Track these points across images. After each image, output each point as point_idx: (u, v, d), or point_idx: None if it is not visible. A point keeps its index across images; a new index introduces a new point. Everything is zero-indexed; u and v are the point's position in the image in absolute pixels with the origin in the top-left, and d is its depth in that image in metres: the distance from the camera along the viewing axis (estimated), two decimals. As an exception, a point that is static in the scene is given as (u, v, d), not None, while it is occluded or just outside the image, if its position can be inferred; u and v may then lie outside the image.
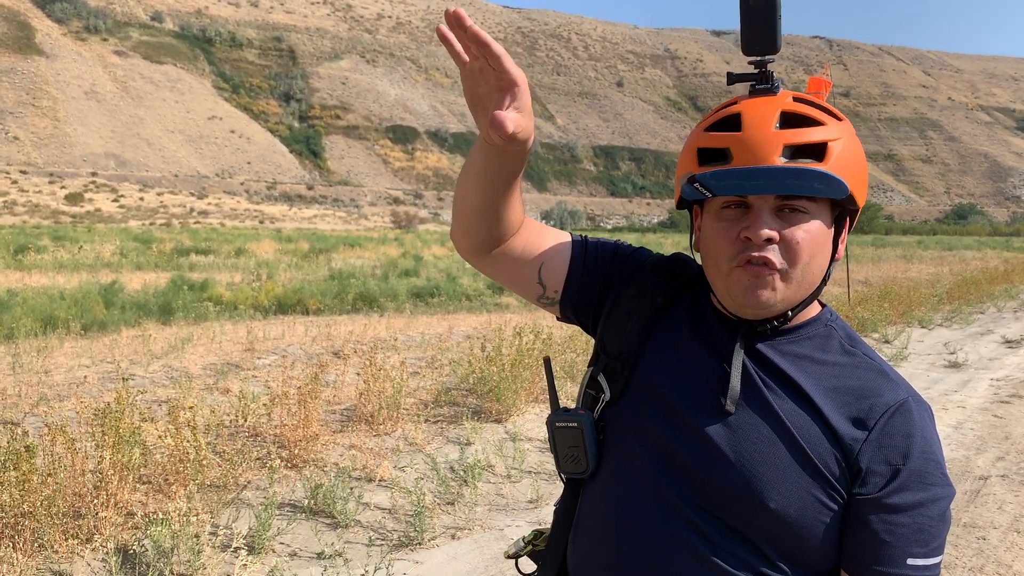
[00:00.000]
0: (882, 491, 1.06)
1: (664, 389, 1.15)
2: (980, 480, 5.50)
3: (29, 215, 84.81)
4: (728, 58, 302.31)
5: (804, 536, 1.07)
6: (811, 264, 1.10)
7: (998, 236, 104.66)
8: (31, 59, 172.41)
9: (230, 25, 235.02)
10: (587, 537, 1.20)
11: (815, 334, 1.16)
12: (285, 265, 24.47)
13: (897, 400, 1.10)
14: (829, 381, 1.12)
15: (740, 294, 1.09)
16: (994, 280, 21.01)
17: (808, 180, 1.05)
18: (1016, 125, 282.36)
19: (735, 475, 1.08)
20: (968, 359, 10.18)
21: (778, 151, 1.05)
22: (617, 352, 1.21)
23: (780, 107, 1.09)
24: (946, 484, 1.08)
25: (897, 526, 1.06)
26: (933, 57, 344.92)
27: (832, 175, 1.06)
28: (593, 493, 1.20)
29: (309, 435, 5.29)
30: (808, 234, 1.08)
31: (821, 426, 1.08)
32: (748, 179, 1.06)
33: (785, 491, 1.06)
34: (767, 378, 1.12)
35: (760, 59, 1.13)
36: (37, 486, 3.78)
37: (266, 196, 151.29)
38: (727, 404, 1.10)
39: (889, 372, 1.14)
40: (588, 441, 1.19)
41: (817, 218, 1.09)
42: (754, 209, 1.08)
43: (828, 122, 1.08)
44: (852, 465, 1.07)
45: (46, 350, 8.70)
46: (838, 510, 1.08)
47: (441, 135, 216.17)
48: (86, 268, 21.59)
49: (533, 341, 7.40)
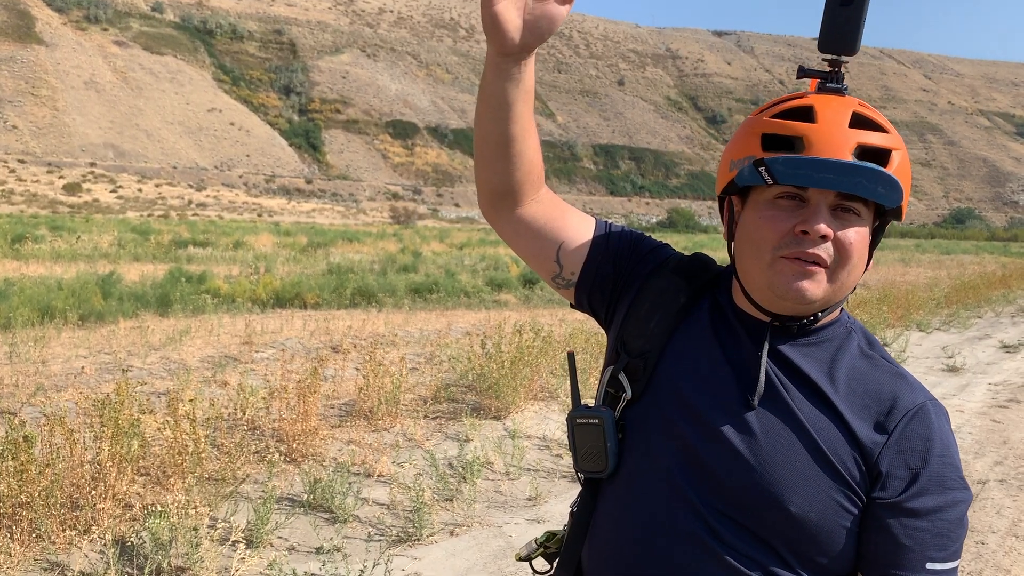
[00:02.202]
0: (902, 495, 1.06)
1: (684, 390, 1.14)
2: (979, 485, 5.50)
3: (27, 204, 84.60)
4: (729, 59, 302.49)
5: (822, 540, 1.07)
6: (856, 267, 1.10)
7: (996, 241, 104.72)
8: (31, 48, 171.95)
9: (231, 17, 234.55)
10: (603, 538, 1.19)
11: (835, 336, 1.15)
12: (283, 259, 24.43)
13: (916, 403, 1.10)
14: (848, 384, 1.11)
15: (783, 285, 1.07)
16: (992, 285, 21.03)
17: (875, 182, 1.05)
18: (1015, 130, 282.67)
19: (755, 477, 1.07)
20: (966, 363, 10.18)
21: (850, 148, 1.05)
22: (639, 351, 1.20)
23: (851, 107, 1.09)
24: (964, 488, 1.08)
25: (917, 530, 1.05)
26: (934, 61, 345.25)
27: (895, 180, 1.06)
28: (611, 494, 1.19)
29: (308, 429, 5.28)
30: (859, 236, 1.08)
31: (841, 429, 1.08)
32: (818, 171, 1.04)
33: (806, 494, 1.06)
34: (787, 380, 1.11)
35: (835, 58, 1.13)
36: (35, 476, 3.76)
37: (265, 189, 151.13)
38: (753, 399, 1.10)
39: (907, 375, 1.14)
40: (609, 439, 1.17)
41: (865, 223, 1.10)
42: (812, 204, 1.07)
43: (891, 131, 1.09)
44: (872, 468, 1.07)
45: (43, 340, 8.67)
46: (857, 514, 1.07)
47: (441, 131, 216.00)
48: (84, 258, 21.55)
49: (533, 339, 7.39)
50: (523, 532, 4.50)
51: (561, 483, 5.33)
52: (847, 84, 1.13)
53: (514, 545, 4.33)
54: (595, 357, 7.98)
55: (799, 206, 1.07)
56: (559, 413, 6.75)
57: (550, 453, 5.87)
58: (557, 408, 6.89)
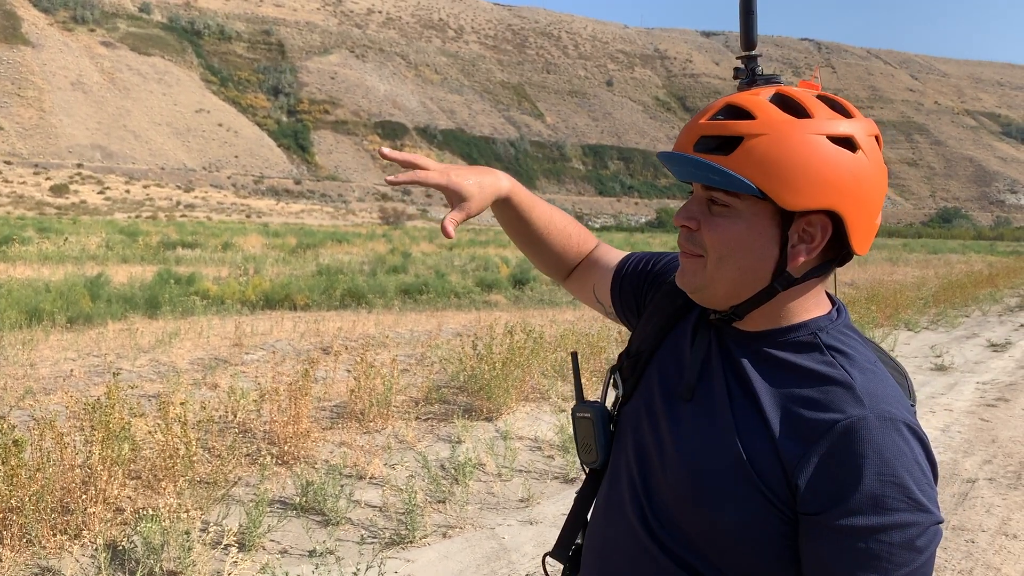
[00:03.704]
0: (827, 513, 0.98)
1: (657, 386, 1.17)
2: (968, 483, 5.53)
3: (13, 206, 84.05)
4: (717, 59, 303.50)
5: (747, 549, 1.03)
6: (727, 260, 1.06)
7: (982, 240, 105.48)
8: (17, 49, 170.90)
9: (219, 17, 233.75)
10: (590, 526, 1.26)
11: (795, 340, 1.09)
12: (272, 260, 24.36)
13: (851, 416, 0.99)
14: (788, 390, 1.05)
15: (677, 277, 1.15)
16: (979, 284, 21.16)
17: (703, 171, 1.04)
18: (1001, 130, 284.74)
19: (682, 473, 1.07)
20: (954, 362, 10.24)
21: (693, 140, 1.06)
22: (635, 352, 1.24)
23: (732, 99, 1.06)
24: (916, 510, 0.96)
25: (845, 552, 0.97)
26: (920, 61, 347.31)
27: (726, 170, 1.02)
28: (603, 484, 1.25)
29: (300, 432, 5.27)
30: (723, 230, 1.06)
31: (766, 436, 1.03)
32: (670, 163, 1.11)
33: (724, 495, 1.03)
34: (733, 379, 1.09)
35: (746, 55, 1.20)
36: (25, 481, 3.74)
37: (253, 190, 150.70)
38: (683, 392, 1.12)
39: (858, 387, 1.02)
40: (598, 432, 1.23)
41: (743, 217, 1.05)
42: (691, 197, 1.12)
43: (762, 117, 1.03)
44: (791, 482, 1.00)
45: (31, 343, 8.61)
46: (781, 527, 1.02)
47: (430, 131, 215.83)
48: (71, 260, 21.42)
49: (524, 340, 7.39)
50: (516, 534, 4.50)
51: (553, 484, 5.33)
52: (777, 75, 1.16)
53: (507, 547, 4.33)
54: (586, 358, 7.99)
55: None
56: (550, 414, 6.76)
57: (542, 454, 5.87)
58: (549, 409, 6.90)
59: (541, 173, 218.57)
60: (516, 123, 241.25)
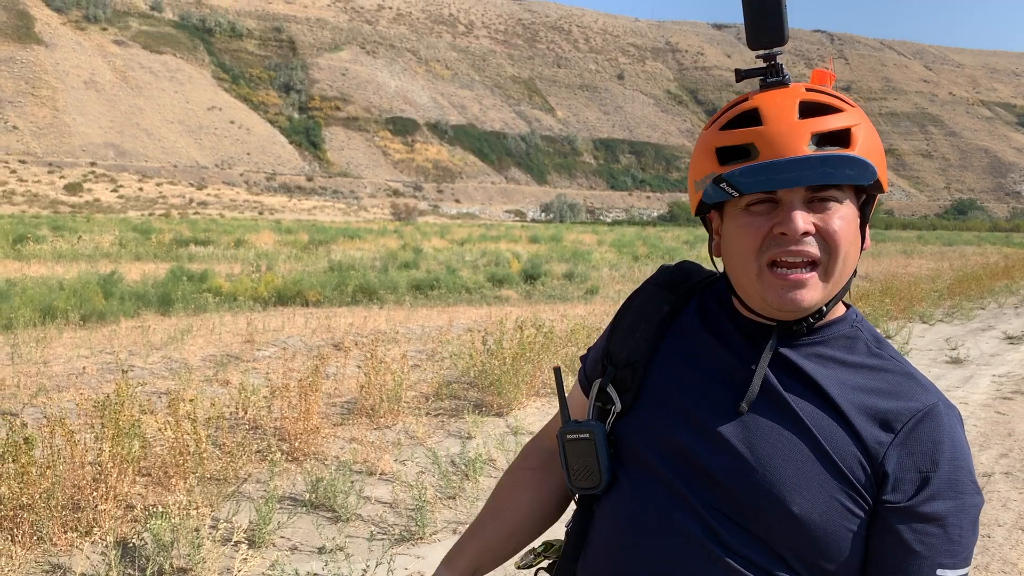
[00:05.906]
0: (913, 499, 1.02)
1: (678, 395, 1.12)
2: (984, 477, 5.47)
3: (28, 205, 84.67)
4: (729, 51, 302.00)
5: (826, 543, 1.03)
6: (849, 254, 1.06)
7: (998, 232, 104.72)
8: (30, 48, 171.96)
9: (230, 15, 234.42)
10: (598, 550, 1.16)
11: (841, 335, 1.12)
12: (284, 256, 24.43)
13: (926, 404, 1.06)
14: (855, 383, 1.07)
15: (776, 298, 1.05)
16: (994, 276, 20.98)
17: (840, 167, 1.02)
18: (1017, 120, 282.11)
19: (756, 477, 1.04)
20: (969, 355, 10.15)
21: (805, 140, 1.02)
22: (625, 362, 1.18)
23: (798, 97, 1.05)
24: (976, 492, 1.04)
25: (928, 536, 1.02)
26: (934, 51, 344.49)
27: (862, 159, 1.02)
28: (606, 507, 1.16)
29: (310, 428, 5.26)
30: (843, 222, 1.04)
31: (845, 429, 1.04)
32: (779, 172, 1.01)
33: (808, 495, 1.03)
34: (788, 380, 1.08)
35: (768, 52, 1.11)
36: (36, 478, 3.75)
37: (265, 187, 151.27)
38: (741, 405, 1.07)
39: (917, 375, 1.09)
40: (600, 453, 1.15)
41: (846, 205, 1.06)
42: (784, 203, 1.04)
43: (847, 108, 1.06)
44: (877, 470, 1.03)
45: (45, 340, 8.66)
46: (864, 517, 1.04)
47: (441, 127, 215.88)
48: (85, 258, 21.55)
49: (535, 335, 7.36)
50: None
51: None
52: (789, 73, 1.11)
53: (518, 542, 4.31)
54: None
55: (773, 207, 1.05)
56: (562, 409, 6.73)
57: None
58: (560, 404, 6.87)
59: (552, 168, 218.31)
60: (527, 118, 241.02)
